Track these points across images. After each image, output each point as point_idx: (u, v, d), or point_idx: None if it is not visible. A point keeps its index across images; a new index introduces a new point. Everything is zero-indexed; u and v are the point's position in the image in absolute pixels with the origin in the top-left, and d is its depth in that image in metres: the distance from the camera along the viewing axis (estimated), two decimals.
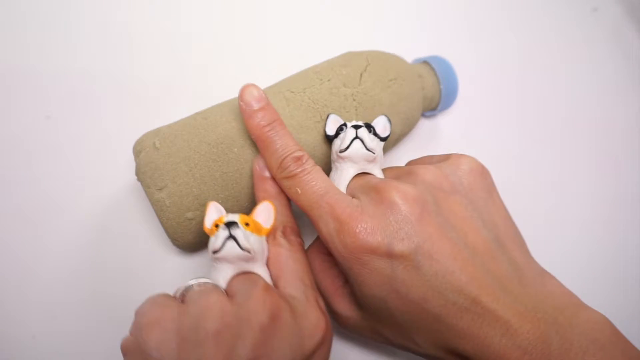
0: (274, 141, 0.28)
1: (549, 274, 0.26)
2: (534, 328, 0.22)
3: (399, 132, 0.35)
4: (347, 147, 0.28)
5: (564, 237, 0.39)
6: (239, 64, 0.42)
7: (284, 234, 0.28)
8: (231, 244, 0.25)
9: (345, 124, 0.30)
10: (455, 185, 0.27)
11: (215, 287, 0.24)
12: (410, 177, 0.28)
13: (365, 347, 0.33)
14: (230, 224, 0.25)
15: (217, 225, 0.25)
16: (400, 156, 0.39)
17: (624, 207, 0.41)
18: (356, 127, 0.29)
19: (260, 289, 0.24)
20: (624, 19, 0.50)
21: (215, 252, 0.25)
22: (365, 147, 0.28)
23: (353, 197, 0.28)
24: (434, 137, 0.41)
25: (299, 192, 0.27)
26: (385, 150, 0.35)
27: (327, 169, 0.32)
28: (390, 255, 0.24)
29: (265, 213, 0.27)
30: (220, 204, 0.29)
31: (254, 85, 0.29)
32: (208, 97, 0.34)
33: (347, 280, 0.28)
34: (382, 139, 0.30)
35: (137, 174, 0.30)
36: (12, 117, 0.38)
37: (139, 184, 0.34)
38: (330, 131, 0.30)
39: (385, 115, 0.31)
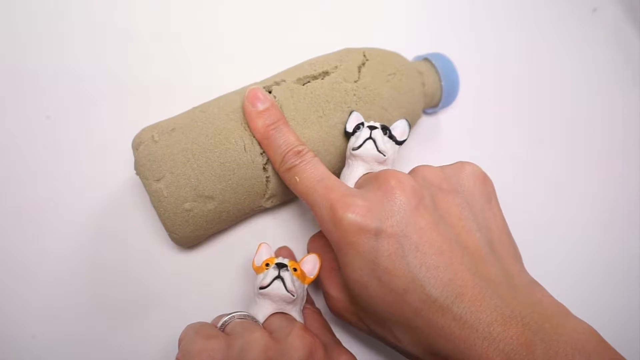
0: (277, 138, 0.29)
1: (539, 284, 0.25)
2: (518, 334, 0.21)
3: None
4: (360, 146, 0.30)
5: (563, 237, 0.39)
6: (237, 61, 0.42)
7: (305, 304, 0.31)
8: (278, 283, 0.27)
9: (362, 123, 0.31)
10: (455, 186, 0.27)
11: (256, 321, 0.27)
12: (411, 173, 0.28)
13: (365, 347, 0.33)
14: (280, 266, 0.28)
15: (267, 265, 0.28)
16: (402, 153, 0.39)
17: (624, 206, 0.41)
18: (371, 127, 0.30)
19: (299, 328, 0.26)
20: (624, 19, 0.50)
21: (262, 288, 0.27)
22: (377, 148, 0.29)
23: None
24: (435, 133, 0.41)
25: (298, 180, 0.29)
26: None
27: (331, 164, 0.33)
28: (376, 238, 0.24)
29: (311, 264, 0.29)
30: (218, 195, 0.30)
31: (259, 88, 0.30)
32: (206, 95, 0.34)
33: None
34: (398, 143, 0.31)
35: (135, 167, 0.30)
36: (12, 117, 0.38)
37: (139, 183, 0.34)
38: (349, 128, 0.31)
39: (406, 119, 0.31)
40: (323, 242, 0.31)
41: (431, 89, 0.37)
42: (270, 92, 0.32)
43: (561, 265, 0.38)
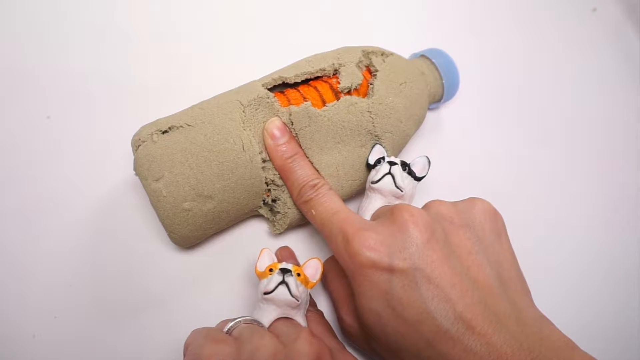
0: (295, 171, 0.31)
1: (547, 318, 0.26)
2: None
3: (412, 133, 0.36)
4: (378, 180, 0.31)
5: (564, 236, 0.39)
6: (237, 61, 0.42)
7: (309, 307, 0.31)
8: (283, 289, 0.27)
9: (383, 157, 0.32)
10: (466, 221, 0.28)
11: (261, 326, 0.27)
12: (425, 207, 0.29)
13: None
14: (284, 271, 0.28)
15: (270, 270, 0.28)
16: (405, 149, 0.39)
17: (624, 206, 0.41)
18: (391, 163, 0.31)
19: (306, 333, 0.26)
20: (624, 19, 0.50)
21: (266, 293, 0.27)
22: (395, 183, 0.30)
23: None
24: (437, 130, 0.41)
25: (314, 212, 0.30)
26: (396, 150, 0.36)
27: (352, 188, 0.34)
28: (390, 270, 0.25)
29: (313, 268, 0.30)
30: (217, 194, 0.30)
31: (278, 118, 0.31)
32: (206, 95, 0.34)
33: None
34: (417, 179, 0.32)
35: (135, 168, 0.30)
36: (12, 117, 0.38)
37: (139, 183, 0.34)
38: (371, 161, 0.33)
39: (426, 157, 0.32)
40: (337, 268, 0.31)
41: (433, 87, 0.37)
42: (288, 109, 0.32)
43: (561, 265, 0.38)
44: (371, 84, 0.34)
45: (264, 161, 0.31)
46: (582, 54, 0.48)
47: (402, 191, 0.31)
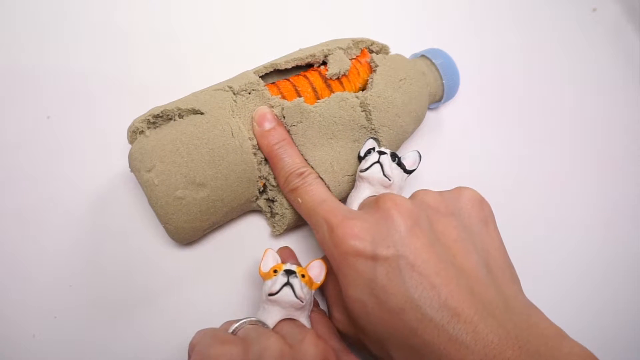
0: (282, 158, 0.31)
1: (535, 307, 0.25)
2: (514, 356, 0.21)
3: (411, 130, 0.36)
4: (367, 169, 0.31)
5: (564, 236, 0.39)
6: (237, 61, 0.42)
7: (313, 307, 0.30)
8: (288, 290, 0.27)
9: (374, 148, 0.32)
10: (452, 209, 0.28)
11: (266, 327, 0.27)
12: (411, 197, 0.29)
13: None
14: (289, 272, 0.28)
15: (275, 271, 0.28)
16: (407, 147, 0.39)
17: (624, 206, 0.41)
18: (381, 152, 0.31)
19: (312, 335, 0.26)
20: (624, 19, 0.50)
21: (271, 294, 0.27)
22: (383, 172, 0.30)
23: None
24: (437, 129, 0.42)
25: (300, 201, 0.30)
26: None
27: (349, 185, 0.33)
28: (374, 258, 0.25)
29: (318, 269, 0.30)
30: (209, 181, 0.30)
31: (267, 108, 0.32)
32: None
33: None
34: (407, 172, 0.32)
35: (129, 164, 0.31)
36: (12, 117, 0.38)
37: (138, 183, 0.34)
38: (362, 153, 0.33)
39: (417, 151, 0.32)
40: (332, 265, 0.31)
41: (434, 87, 0.37)
42: (280, 103, 0.32)
43: (561, 264, 0.38)
44: (371, 78, 0.34)
45: (254, 147, 0.31)
46: (582, 54, 0.48)
47: (389, 180, 0.30)
